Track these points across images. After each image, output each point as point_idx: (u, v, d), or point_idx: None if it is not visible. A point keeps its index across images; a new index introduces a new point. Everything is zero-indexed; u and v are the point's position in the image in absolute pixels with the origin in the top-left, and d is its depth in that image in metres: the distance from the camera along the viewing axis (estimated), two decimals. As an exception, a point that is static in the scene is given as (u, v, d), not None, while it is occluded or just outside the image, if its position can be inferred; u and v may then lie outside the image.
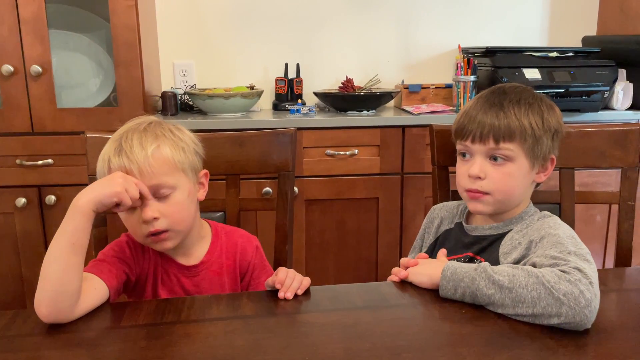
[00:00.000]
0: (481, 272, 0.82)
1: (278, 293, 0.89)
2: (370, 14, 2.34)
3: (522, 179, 0.99)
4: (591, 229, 2.07)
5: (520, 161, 0.97)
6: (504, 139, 0.96)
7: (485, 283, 0.80)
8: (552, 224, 0.95)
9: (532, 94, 1.01)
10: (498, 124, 0.96)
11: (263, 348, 0.73)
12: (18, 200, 1.85)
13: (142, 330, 0.79)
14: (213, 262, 1.05)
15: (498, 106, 0.98)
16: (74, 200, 0.85)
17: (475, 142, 0.98)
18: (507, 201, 1.00)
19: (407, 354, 0.71)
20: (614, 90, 2.05)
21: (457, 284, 0.83)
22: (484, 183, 0.98)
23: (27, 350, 0.74)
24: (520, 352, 0.71)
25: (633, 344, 0.73)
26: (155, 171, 0.92)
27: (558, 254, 0.83)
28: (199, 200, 1.03)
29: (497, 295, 0.79)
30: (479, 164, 0.98)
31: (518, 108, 0.98)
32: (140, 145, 0.92)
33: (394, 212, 2.01)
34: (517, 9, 2.41)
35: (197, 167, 1.01)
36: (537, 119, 0.97)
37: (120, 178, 0.88)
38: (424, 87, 2.23)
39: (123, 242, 1.01)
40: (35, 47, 1.78)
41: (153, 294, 1.02)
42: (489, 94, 1.02)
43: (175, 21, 2.26)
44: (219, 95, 1.99)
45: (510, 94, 1.00)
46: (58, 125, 1.83)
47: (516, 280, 0.78)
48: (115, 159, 0.92)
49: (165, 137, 0.96)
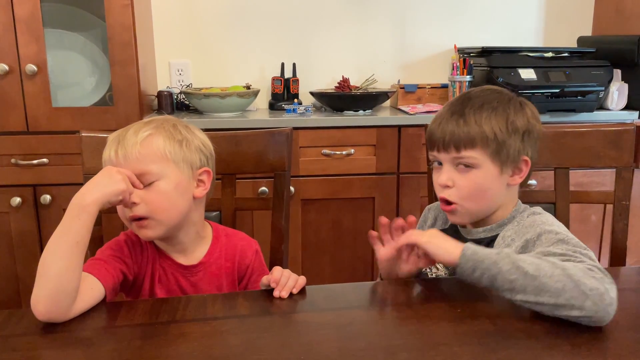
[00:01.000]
0: (504, 257, 0.81)
1: (273, 292, 0.89)
2: (366, 14, 2.34)
3: (491, 184, 0.98)
4: (586, 229, 2.07)
5: (486, 167, 0.96)
6: (465, 147, 0.95)
7: (508, 267, 0.79)
8: (545, 220, 0.95)
9: (499, 97, 0.99)
10: (458, 132, 0.96)
11: (258, 347, 0.73)
12: (13, 200, 1.84)
13: (137, 329, 0.79)
14: (212, 263, 1.05)
15: (459, 114, 0.97)
16: (78, 199, 0.85)
17: (441, 151, 0.98)
18: (480, 208, 1.00)
19: (402, 353, 0.71)
20: (609, 90, 2.06)
21: (476, 265, 0.82)
22: (452, 191, 0.98)
23: (21, 350, 0.74)
24: (516, 351, 0.71)
25: (628, 343, 0.74)
26: (140, 158, 0.93)
27: (567, 252, 0.83)
28: (197, 198, 1.01)
29: (519, 281, 0.78)
30: (446, 172, 0.98)
31: (479, 114, 0.96)
32: (134, 133, 0.96)
33: (390, 211, 2.01)
34: (512, 10, 2.41)
35: (195, 163, 1.00)
36: (500, 123, 0.96)
37: (118, 174, 0.89)
38: (420, 87, 2.24)
39: (121, 240, 1.01)
40: (30, 46, 1.77)
41: (150, 293, 1.02)
42: (454, 100, 1.02)
43: (171, 20, 2.25)
44: (215, 95, 1.99)
45: (473, 100, 0.99)
46: (53, 124, 1.83)
47: (541, 269, 0.78)
48: (109, 144, 0.96)
49: (164, 128, 0.98)
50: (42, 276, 0.81)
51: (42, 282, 0.80)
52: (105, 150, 0.97)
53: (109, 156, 0.95)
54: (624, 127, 1.24)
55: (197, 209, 1.03)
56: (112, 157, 0.94)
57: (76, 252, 0.83)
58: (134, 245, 1.01)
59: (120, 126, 1.01)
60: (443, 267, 1.05)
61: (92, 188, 0.86)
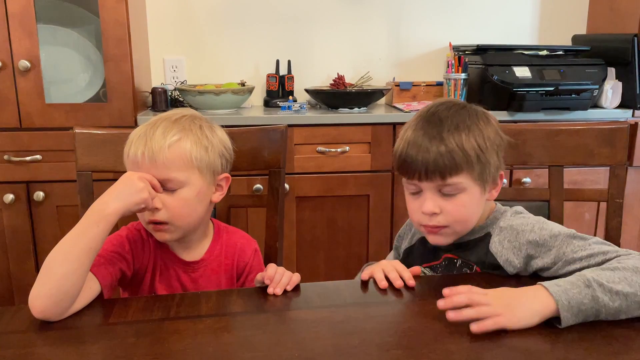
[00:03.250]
0: (597, 287, 0.76)
1: (267, 289, 0.89)
2: (361, 11, 2.34)
3: (476, 205, 0.96)
4: (580, 226, 2.08)
5: (472, 189, 0.94)
6: (450, 174, 0.91)
7: (608, 297, 0.76)
8: (536, 221, 0.95)
9: (467, 113, 0.95)
10: (442, 160, 0.90)
11: (252, 345, 0.73)
12: (6, 197, 1.83)
13: (131, 327, 0.79)
14: (213, 260, 1.05)
15: (437, 138, 0.91)
16: (98, 207, 0.85)
17: (423, 180, 0.93)
18: (465, 228, 0.98)
19: (396, 350, 0.71)
20: (603, 88, 2.06)
21: (579, 309, 0.76)
22: (440, 218, 0.94)
23: (14, 347, 0.74)
24: (509, 349, 0.72)
25: (623, 340, 0.74)
26: (167, 163, 0.92)
27: (598, 251, 0.85)
28: (214, 202, 1.02)
29: (623, 304, 0.76)
30: (431, 200, 0.93)
31: (458, 135, 0.92)
32: (162, 134, 0.93)
33: (384, 209, 2.02)
34: (507, 8, 2.42)
35: (217, 168, 1.00)
36: (479, 142, 0.92)
37: (141, 182, 0.88)
38: (415, 85, 2.24)
39: (123, 236, 1.00)
40: (23, 41, 1.76)
41: (150, 288, 1.02)
42: (425, 123, 0.94)
43: (166, 16, 2.24)
44: (210, 92, 1.98)
45: (446, 121, 0.93)
46: (46, 120, 1.82)
47: (632, 281, 0.77)
48: (135, 142, 0.93)
49: (192, 132, 0.96)
50: (47, 274, 0.80)
51: (46, 281, 0.80)
52: (131, 147, 0.94)
53: (134, 155, 0.93)
54: (617, 125, 1.24)
55: (209, 210, 1.04)
56: (138, 158, 0.93)
57: (88, 257, 0.83)
58: (135, 240, 1.01)
59: (114, 123, 1.00)
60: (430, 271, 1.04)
61: (115, 197, 0.86)
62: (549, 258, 0.89)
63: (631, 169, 2.07)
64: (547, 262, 0.89)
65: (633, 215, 2.13)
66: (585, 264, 0.85)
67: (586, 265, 0.85)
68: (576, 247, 0.87)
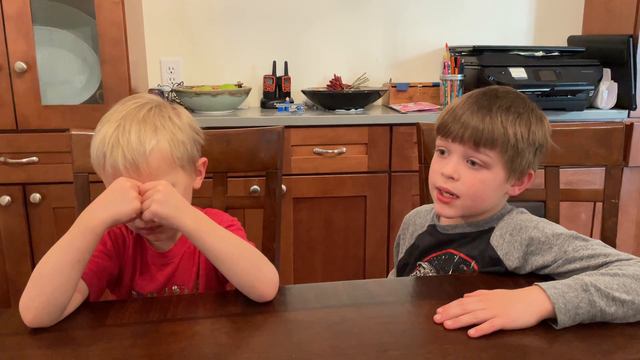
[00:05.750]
0: (594, 292, 0.77)
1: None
2: (358, 13, 2.34)
3: (494, 189, 0.96)
4: (576, 227, 2.09)
5: (497, 170, 0.94)
6: (484, 145, 0.92)
7: (605, 302, 0.76)
8: (539, 220, 0.95)
9: (525, 103, 0.97)
10: (482, 128, 0.92)
11: (250, 346, 0.73)
12: (2, 199, 1.82)
13: (128, 329, 0.79)
14: (189, 246, 1.03)
15: (486, 109, 0.93)
16: (86, 217, 0.82)
17: (455, 142, 0.94)
18: (474, 207, 0.98)
19: (393, 351, 0.71)
20: (599, 89, 2.07)
21: (575, 312, 0.76)
22: (456, 184, 0.95)
23: (10, 350, 0.73)
24: (506, 349, 0.72)
25: (619, 339, 0.74)
26: (152, 171, 0.89)
27: (600, 252, 0.85)
28: (196, 189, 1.00)
29: (619, 310, 0.77)
30: (453, 164, 0.95)
31: (506, 115, 0.93)
32: (138, 140, 0.88)
33: (381, 210, 2.02)
34: (503, 9, 2.42)
35: (195, 157, 0.98)
36: (523, 130, 0.94)
37: (132, 190, 0.85)
38: (411, 86, 2.24)
39: (105, 234, 0.96)
40: (19, 43, 1.76)
41: (131, 284, 1.01)
42: (480, 95, 0.97)
43: (162, 18, 2.24)
44: (207, 93, 1.98)
45: (502, 99, 0.95)
46: (43, 122, 1.81)
47: (630, 289, 0.77)
48: (112, 153, 0.88)
49: (165, 128, 0.92)
50: (36, 286, 0.79)
51: (35, 293, 0.79)
52: (107, 158, 0.89)
53: (114, 166, 0.88)
54: (613, 126, 1.25)
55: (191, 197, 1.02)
56: (119, 169, 0.88)
57: (76, 269, 0.81)
58: (116, 238, 1.00)
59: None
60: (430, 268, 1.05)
61: (104, 206, 0.83)
62: (549, 256, 0.89)
63: (627, 170, 2.08)
64: (548, 260, 0.90)
65: (629, 216, 2.14)
66: (586, 264, 0.85)
67: (586, 266, 0.85)
68: (578, 246, 0.88)
